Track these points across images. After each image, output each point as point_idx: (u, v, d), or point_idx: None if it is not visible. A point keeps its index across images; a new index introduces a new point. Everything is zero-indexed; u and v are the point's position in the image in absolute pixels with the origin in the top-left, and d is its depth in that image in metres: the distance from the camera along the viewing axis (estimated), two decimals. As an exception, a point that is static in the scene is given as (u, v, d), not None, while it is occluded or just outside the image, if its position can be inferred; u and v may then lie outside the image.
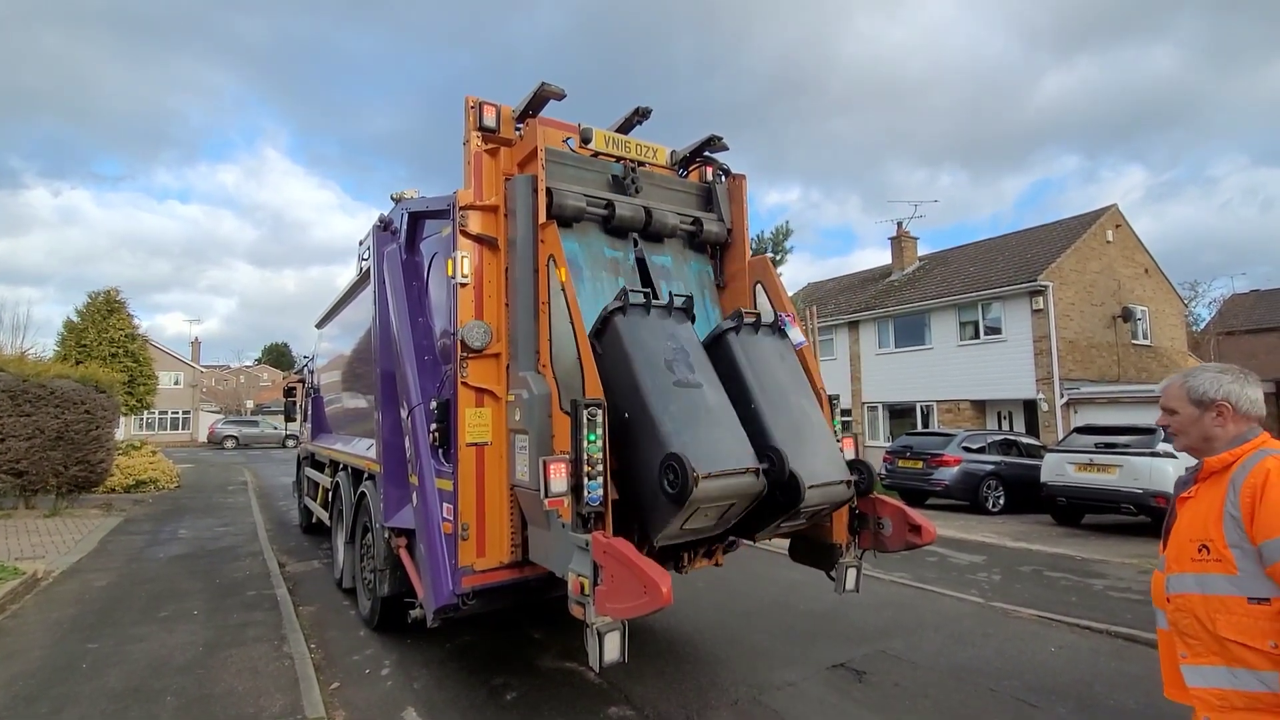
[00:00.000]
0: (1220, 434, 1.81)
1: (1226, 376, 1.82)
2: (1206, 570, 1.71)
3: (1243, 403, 1.79)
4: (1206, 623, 1.70)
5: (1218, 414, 1.80)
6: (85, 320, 21.07)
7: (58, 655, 4.62)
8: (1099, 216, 19.12)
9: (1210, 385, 1.81)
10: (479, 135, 3.85)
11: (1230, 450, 1.78)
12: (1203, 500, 1.79)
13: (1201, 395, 1.81)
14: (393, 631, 5.02)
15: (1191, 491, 1.84)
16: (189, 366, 44.88)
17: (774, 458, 3.28)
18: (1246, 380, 1.83)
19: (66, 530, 9.33)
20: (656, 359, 3.26)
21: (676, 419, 3.09)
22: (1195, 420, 1.84)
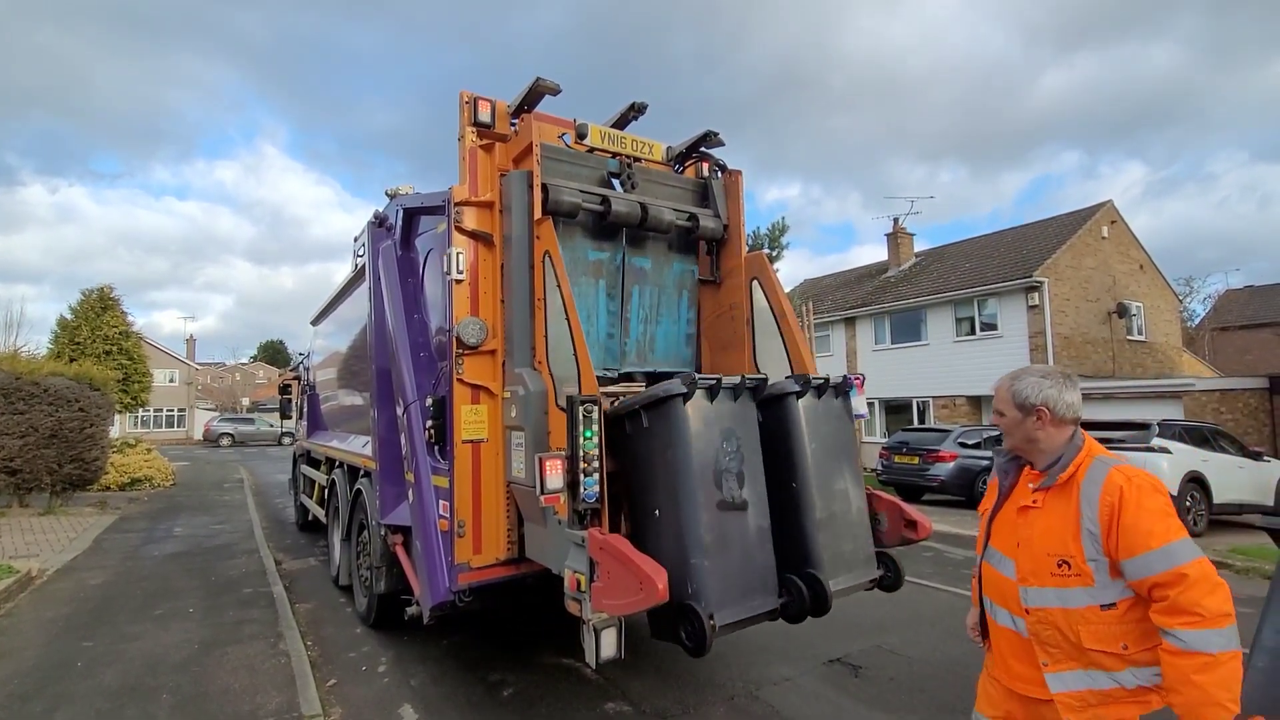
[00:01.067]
0: (1041, 437, 1.86)
1: (1047, 381, 1.86)
2: (1068, 585, 1.76)
3: (1060, 407, 1.83)
4: (1069, 634, 1.76)
5: (1037, 418, 1.85)
6: (79, 318, 20.92)
7: (52, 654, 4.61)
8: (1094, 213, 19.16)
9: (1031, 390, 1.85)
10: (474, 130, 3.82)
11: (1072, 460, 1.82)
12: (1053, 513, 1.81)
13: (1024, 400, 1.86)
14: (389, 629, 5.02)
15: (1037, 501, 1.86)
16: (184, 364, 44.69)
17: (803, 585, 3.06)
18: (1065, 384, 1.86)
19: (61, 529, 9.30)
20: (707, 468, 2.90)
21: (710, 548, 2.80)
22: (1019, 423, 1.88)
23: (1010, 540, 1.91)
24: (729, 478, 2.95)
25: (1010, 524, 1.94)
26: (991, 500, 2.06)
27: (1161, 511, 1.67)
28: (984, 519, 2.06)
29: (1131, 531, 1.66)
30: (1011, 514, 1.95)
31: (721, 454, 2.96)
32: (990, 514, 2.02)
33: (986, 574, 2.01)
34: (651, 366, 4.31)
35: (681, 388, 2.89)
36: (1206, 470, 9.72)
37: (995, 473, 2.08)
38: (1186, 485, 9.41)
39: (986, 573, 2.01)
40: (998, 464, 2.08)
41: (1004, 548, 1.93)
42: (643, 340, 4.28)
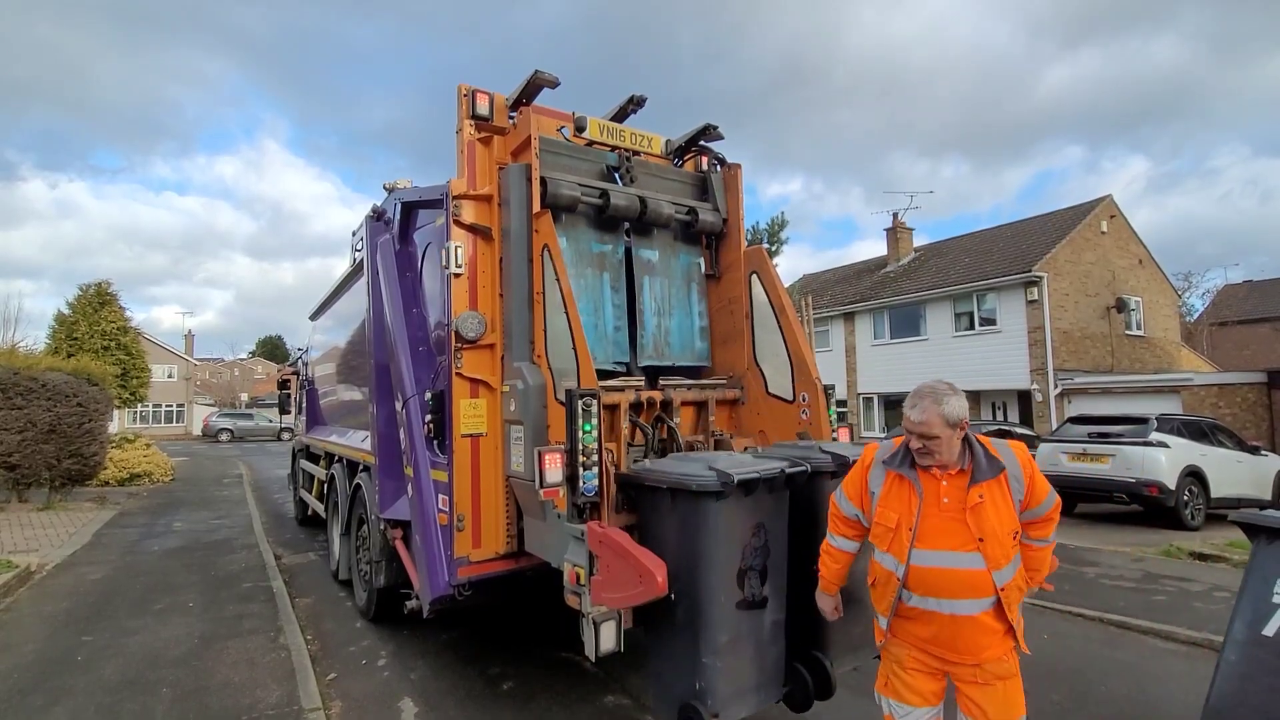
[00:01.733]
0: (958, 445, 2.18)
1: (958, 398, 2.18)
2: (1018, 551, 2.16)
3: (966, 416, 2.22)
4: (1024, 587, 2.22)
5: (959, 430, 2.15)
6: (76, 313, 20.88)
7: (52, 648, 4.61)
8: (1093, 207, 19.14)
9: (958, 409, 2.15)
10: (472, 124, 3.81)
11: (985, 452, 2.18)
12: (998, 499, 2.12)
13: (956, 418, 2.13)
14: (389, 623, 5.03)
15: (983, 496, 2.12)
16: (182, 359, 44.63)
17: (808, 674, 2.94)
18: (961, 396, 2.23)
19: (60, 524, 9.30)
20: (732, 567, 2.70)
21: (723, 648, 2.65)
22: (950, 439, 2.15)
23: (962, 537, 2.10)
24: (752, 575, 2.76)
25: (951, 524, 2.12)
26: (900, 510, 2.21)
27: None
28: (894, 530, 2.21)
29: (1039, 484, 2.16)
30: (948, 516, 2.13)
31: (749, 551, 2.75)
32: (914, 523, 2.17)
33: (920, 575, 2.16)
34: (669, 360, 4.30)
35: (716, 484, 2.59)
36: (1205, 464, 9.74)
37: (877, 486, 2.31)
38: (1184, 479, 9.42)
39: (920, 574, 2.16)
40: (884, 478, 2.30)
41: (954, 545, 2.11)
42: (658, 334, 4.27)
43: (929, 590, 2.15)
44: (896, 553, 2.19)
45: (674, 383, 4.09)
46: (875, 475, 2.34)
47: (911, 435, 2.20)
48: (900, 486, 2.24)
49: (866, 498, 2.36)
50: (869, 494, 2.35)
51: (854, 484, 2.42)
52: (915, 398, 2.21)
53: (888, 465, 2.30)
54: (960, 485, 2.14)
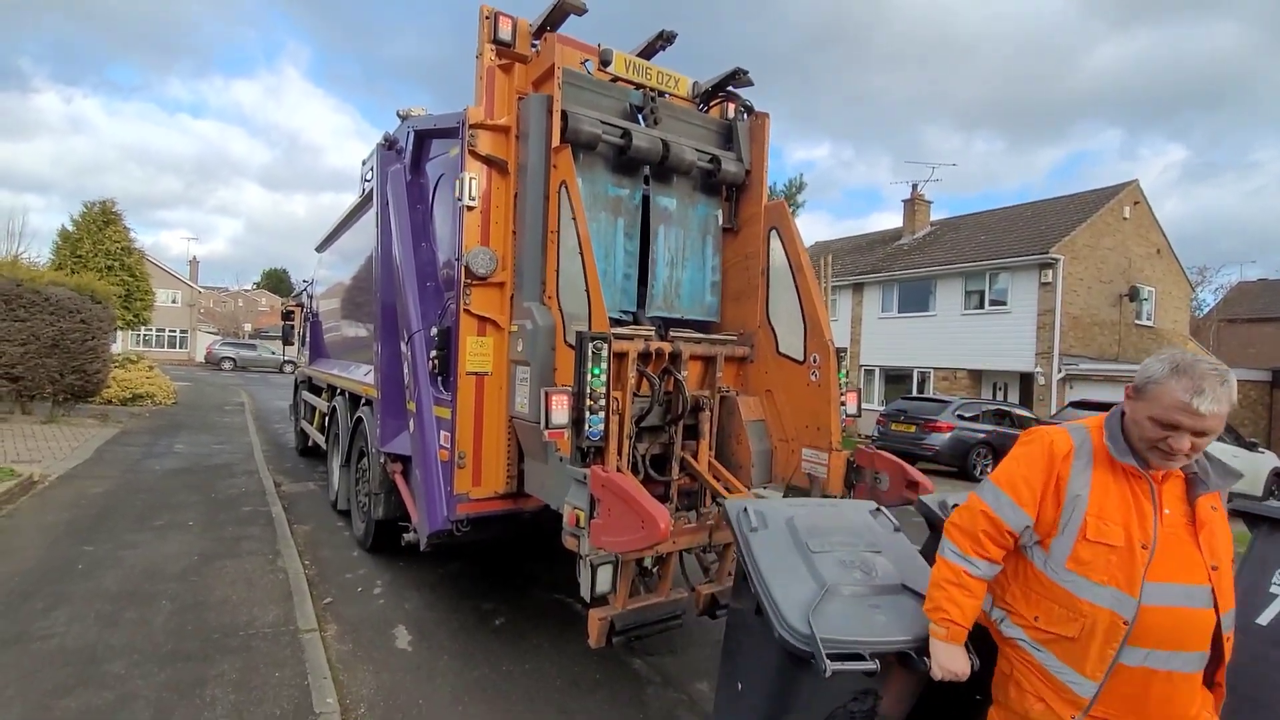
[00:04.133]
0: None
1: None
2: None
3: None
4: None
5: None
6: (80, 230, 20.67)
7: (53, 556, 4.69)
8: (1118, 191, 18.69)
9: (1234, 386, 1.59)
10: (493, 48, 3.63)
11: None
12: (1224, 518, 1.67)
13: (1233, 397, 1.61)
14: (386, 554, 5.10)
15: (1216, 507, 1.66)
16: (187, 286, 44.47)
17: None
18: None
19: (63, 437, 9.39)
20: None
21: None
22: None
23: (1192, 565, 1.61)
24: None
25: (1181, 545, 1.62)
26: (1130, 522, 1.63)
27: None
28: (1122, 552, 1.62)
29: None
30: (1174, 535, 1.63)
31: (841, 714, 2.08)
32: (1152, 543, 1.61)
33: (1151, 620, 1.58)
34: (678, 313, 4.23)
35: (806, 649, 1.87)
36: (1201, 457, 9.77)
37: (1083, 485, 1.68)
38: (1179, 470, 9.46)
39: (1151, 618, 1.58)
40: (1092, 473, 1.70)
41: (1185, 576, 1.60)
42: (669, 285, 4.18)
43: (1157, 640, 1.59)
44: (1124, 584, 1.59)
45: (684, 336, 4.03)
46: (1077, 468, 1.70)
47: (1176, 433, 1.57)
48: (1125, 488, 1.66)
49: (1055, 501, 1.70)
50: (1064, 496, 1.69)
51: (1032, 479, 1.74)
52: (1197, 379, 1.54)
53: (1118, 455, 1.68)
54: (1177, 493, 1.66)
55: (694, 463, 3.88)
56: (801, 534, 2.23)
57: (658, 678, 3.63)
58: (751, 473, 4.00)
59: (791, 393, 4.02)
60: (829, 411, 3.76)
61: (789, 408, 4.01)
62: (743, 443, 4.05)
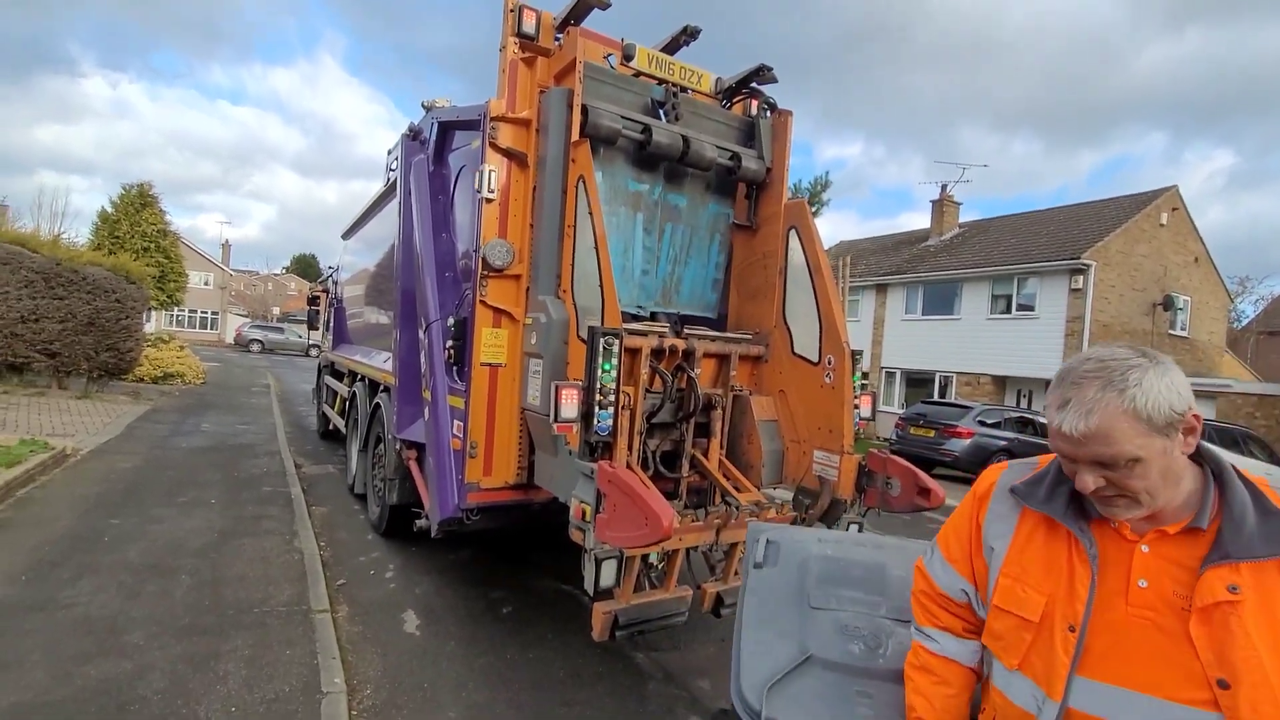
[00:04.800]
0: (1181, 465, 1.07)
1: (1160, 374, 1.02)
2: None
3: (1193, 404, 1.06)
4: None
5: (1183, 433, 1.04)
6: (119, 212, 21.26)
7: (82, 527, 4.85)
8: (1155, 197, 18.15)
9: (1165, 394, 1.01)
10: (516, 41, 3.64)
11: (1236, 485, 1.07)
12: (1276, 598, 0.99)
13: (1166, 414, 1.01)
14: (399, 538, 5.19)
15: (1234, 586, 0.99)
16: (219, 268, 45.49)
17: None
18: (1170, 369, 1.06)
19: (96, 413, 9.69)
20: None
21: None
22: (1161, 454, 1.02)
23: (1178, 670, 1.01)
24: None
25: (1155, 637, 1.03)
26: (1052, 587, 1.12)
27: None
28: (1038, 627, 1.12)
29: None
30: (1148, 619, 1.04)
31: None
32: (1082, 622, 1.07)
33: None
34: (675, 309, 4.23)
35: None
36: (1232, 473, 9.50)
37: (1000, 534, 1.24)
38: (1208, 486, 9.22)
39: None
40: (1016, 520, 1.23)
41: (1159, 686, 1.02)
42: (669, 281, 4.18)
43: None
44: (1041, 677, 1.10)
45: (698, 334, 4.02)
46: (997, 512, 1.26)
47: (1074, 467, 1.08)
48: (1061, 544, 1.14)
49: (980, 555, 1.28)
50: (984, 548, 1.27)
51: (960, 529, 1.34)
52: (1065, 387, 1.06)
53: (1024, 498, 1.21)
54: (1182, 557, 1.04)
55: (704, 461, 3.88)
56: (811, 579, 1.77)
57: (660, 673, 3.65)
58: (762, 472, 3.99)
59: (805, 394, 3.99)
60: (842, 414, 3.72)
61: (802, 409, 3.99)
62: (754, 442, 4.03)
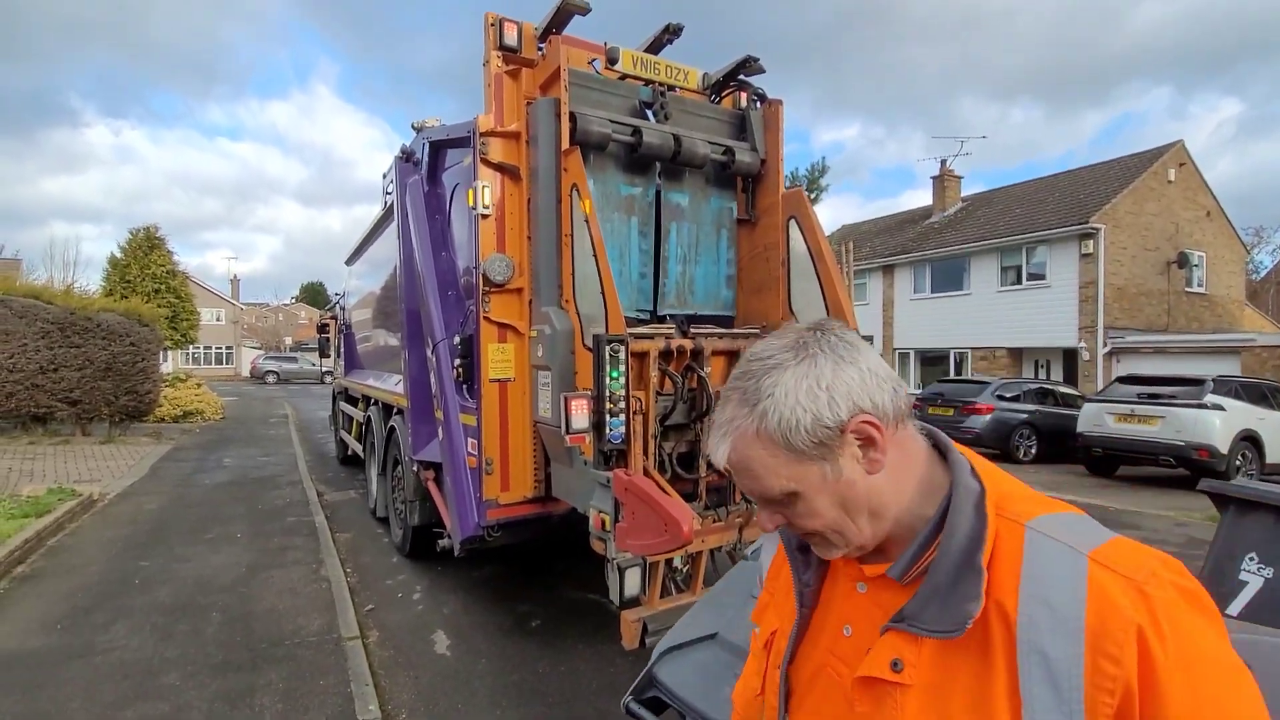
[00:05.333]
0: (880, 487, 0.75)
1: (817, 366, 0.73)
2: None
3: (889, 398, 0.74)
4: None
5: (866, 445, 0.73)
6: (128, 256, 21.59)
7: (112, 571, 4.91)
8: (1162, 154, 17.84)
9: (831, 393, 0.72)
10: (499, 55, 3.64)
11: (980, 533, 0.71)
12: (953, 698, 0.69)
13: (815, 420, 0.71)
14: (423, 559, 5.20)
15: (900, 660, 0.72)
16: (230, 304, 46.08)
17: None
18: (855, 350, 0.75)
19: (120, 456, 9.83)
20: None
21: None
22: (820, 482, 0.74)
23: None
24: None
25: (836, 693, 0.80)
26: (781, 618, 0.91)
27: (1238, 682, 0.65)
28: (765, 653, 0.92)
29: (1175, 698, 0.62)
30: (842, 668, 0.80)
31: None
32: (785, 656, 0.86)
33: None
34: (691, 309, 4.20)
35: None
36: (1261, 429, 9.32)
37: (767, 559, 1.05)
38: (1239, 443, 9.05)
39: None
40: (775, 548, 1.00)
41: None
42: (682, 281, 4.15)
43: None
44: (769, 709, 0.88)
45: (705, 331, 3.99)
46: (769, 539, 1.07)
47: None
48: (786, 573, 0.93)
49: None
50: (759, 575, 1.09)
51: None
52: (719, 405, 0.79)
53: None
54: (891, 605, 0.76)
55: (721, 459, 3.84)
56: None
57: (694, 676, 3.62)
58: (780, 467, 3.95)
59: (818, 384, 3.94)
60: (857, 402, 3.67)
61: (816, 400, 3.95)
62: (770, 437, 3.99)
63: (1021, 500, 0.75)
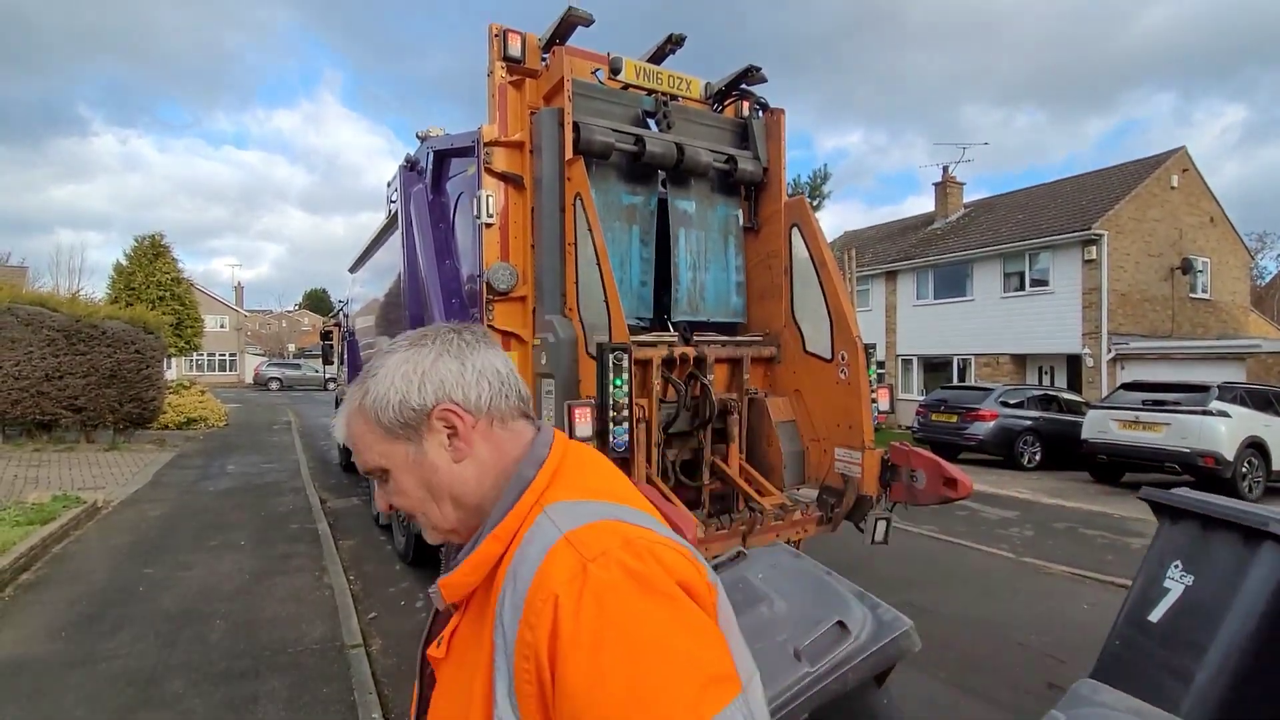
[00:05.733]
0: (463, 476, 0.79)
1: (427, 352, 0.81)
2: None
3: (481, 391, 0.80)
4: None
5: (452, 434, 0.79)
6: (133, 264, 21.71)
7: (117, 578, 4.92)
8: (1164, 160, 17.85)
9: (403, 382, 0.79)
10: (503, 66, 3.67)
11: (500, 522, 0.75)
12: (459, 672, 0.75)
13: (400, 404, 0.78)
14: (427, 566, 5.20)
15: (441, 643, 0.80)
16: (233, 310, 46.28)
17: None
18: (466, 346, 0.82)
19: (124, 463, 9.85)
20: None
21: None
22: (406, 461, 0.80)
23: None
24: None
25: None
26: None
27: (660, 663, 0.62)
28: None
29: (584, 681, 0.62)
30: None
31: None
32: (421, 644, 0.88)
33: None
34: (704, 316, 4.21)
35: None
36: (1268, 435, 9.26)
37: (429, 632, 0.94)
38: (1244, 450, 9.00)
39: None
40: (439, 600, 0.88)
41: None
42: (693, 289, 4.17)
43: None
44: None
45: (708, 339, 4.01)
46: None
47: None
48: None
49: None
50: None
51: None
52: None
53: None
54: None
55: (725, 466, 3.85)
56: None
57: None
58: (784, 474, 3.95)
59: (821, 391, 3.95)
60: (860, 409, 3.68)
61: (819, 407, 3.95)
62: (773, 444, 4.00)
63: (568, 489, 0.77)
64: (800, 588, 1.48)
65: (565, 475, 0.79)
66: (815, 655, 1.23)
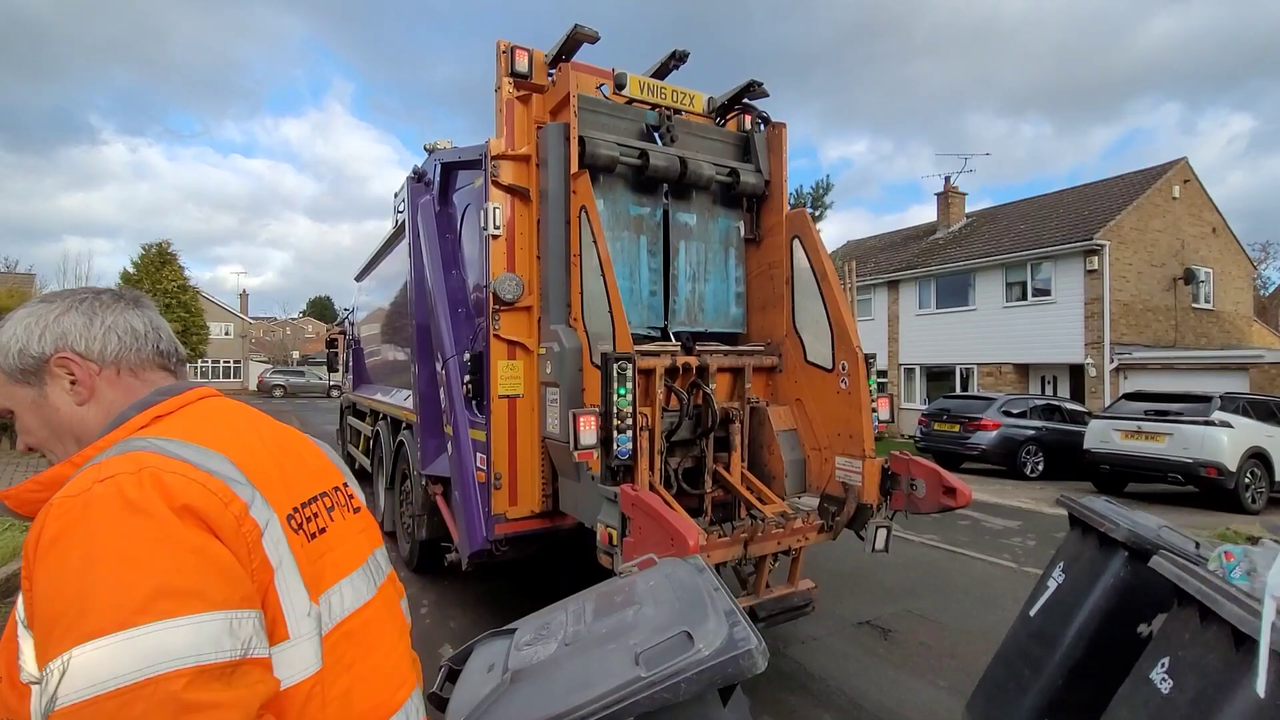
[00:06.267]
0: (91, 419, 0.92)
1: (54, 307, 0.93)
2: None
3: (104, 340, 0.93)
4: None
5: (72, 381, 0.92)
6: (140, 272, 21.94)
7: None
8: (1166, 171, 17.93)
9: (24, 331, 0.91)
10: (510, 81, 3.76)
11: (80, 451, 0.86)
12: None
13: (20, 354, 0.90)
14: (431, 573, 5.24)
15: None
16: (238, 318, 46.51)
17: None
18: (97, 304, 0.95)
19: (130, 470, 9.91)
20: None
21: None
22: (34, 402, 0.92)
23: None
24: None
25: None
26: None
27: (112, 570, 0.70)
28: None
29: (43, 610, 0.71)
30: None
31: None
32: None
33: None
34: (702, 326, 4.27)
35: None
36: (1270, 446, 9.26)
37: None
38: (1247, 461, 9.00)
39: None
40: None
41: None
42: (691, 299, 4.23)
43: None
44: None
45: (710, 349, 4.06)
46: None
47: None
48: None
49: None
50: None
51: None
52: None
53: None
54: None
55: (727, 475, 3.90)
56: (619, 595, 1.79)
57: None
58: (785, 483, 3.99)
59: (821, 401, 4.00)
60: (860, 418, 3.73)
61: (820, 416, 4.00)
62: (775, 453, 4.04)
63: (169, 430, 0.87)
64: (677, 599, 1.49)
65: (178, 420, 0.90)
66: (652, 661, 1.27)
